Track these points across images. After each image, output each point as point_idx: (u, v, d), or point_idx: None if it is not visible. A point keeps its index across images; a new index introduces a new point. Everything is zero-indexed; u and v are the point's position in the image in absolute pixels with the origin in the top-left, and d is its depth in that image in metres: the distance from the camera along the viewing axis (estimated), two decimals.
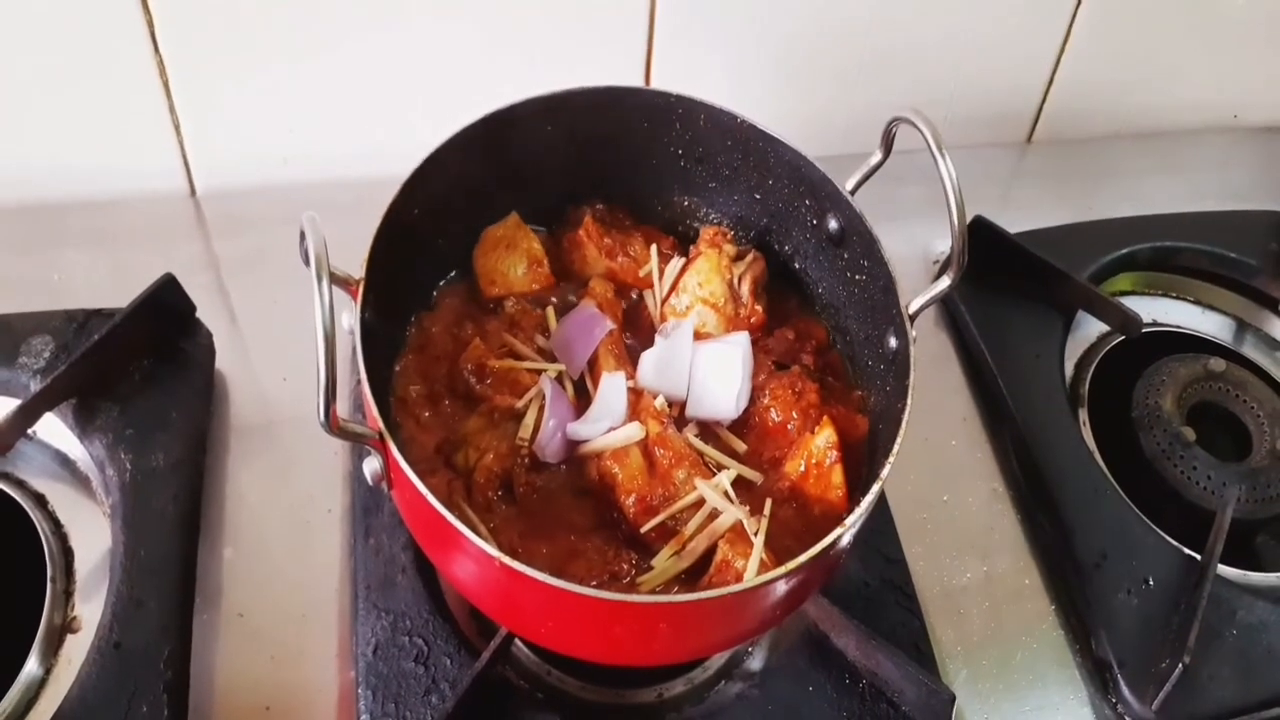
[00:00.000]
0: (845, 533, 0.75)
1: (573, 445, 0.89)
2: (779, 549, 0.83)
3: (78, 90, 1.15)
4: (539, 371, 0.93)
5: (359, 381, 0.79)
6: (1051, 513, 1.05)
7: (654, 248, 1.03)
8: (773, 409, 0.93)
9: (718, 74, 1.30)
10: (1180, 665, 0.92)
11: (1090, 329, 1.26)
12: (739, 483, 0.89)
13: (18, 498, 0.98)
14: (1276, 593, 1.05)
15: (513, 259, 1.00)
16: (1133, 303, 1.25)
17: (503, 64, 1.22)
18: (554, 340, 0.96)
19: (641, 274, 1.02)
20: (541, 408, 0.89)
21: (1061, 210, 1.36)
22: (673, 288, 1.00)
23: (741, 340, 0.95)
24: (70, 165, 1.21)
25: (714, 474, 0.88)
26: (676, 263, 1.01)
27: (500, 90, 0.94)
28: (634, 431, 0.87)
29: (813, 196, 0.97)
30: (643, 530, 0.84)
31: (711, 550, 0.83)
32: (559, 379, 0.93)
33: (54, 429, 1.01)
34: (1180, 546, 1.04)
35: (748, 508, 0.86)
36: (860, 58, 1.33)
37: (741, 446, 0.93)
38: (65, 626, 0.92)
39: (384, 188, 0.87)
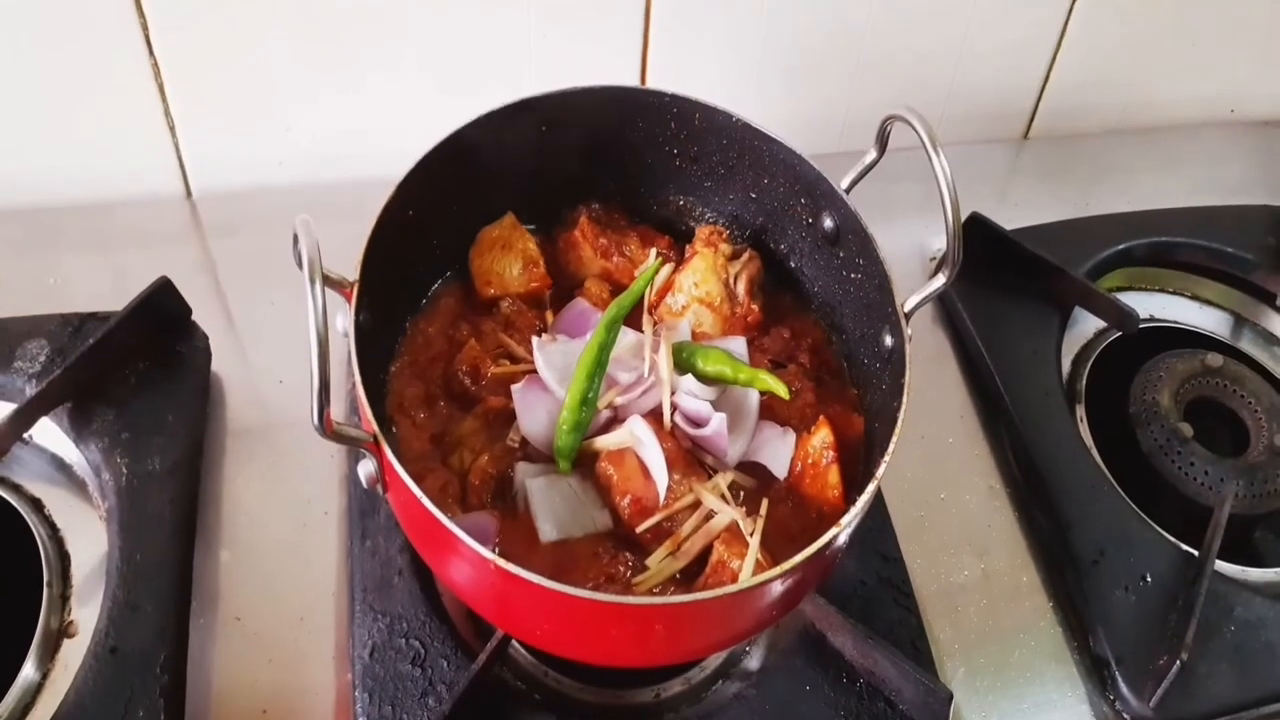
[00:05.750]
0: (841, 532, 0.75)
1: None
2: (775, 549, 0.83)
3: (73, 94, 1.14)
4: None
5: (354, 384, 0.79)
6: (1049, 509, 1.05)
7: (652, 250, 1.03)
8: (769, 408, 0.93)
9: (713, 73, 1.29)
10: (1178, 662, 0.92)
11: (1087, 325, 1.26)
12: (734, 483, 0.89)
13: (14, 502, 0.98)
14: (1274, 588, 1.06)
15: (508, 259, 1.00)
16: (1129, 298, 1.25)
17: (498, 65, 1.22)
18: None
19: (637, 274, 1.02)
20: None
21: (1058, 206, 1.36)
22: (665, 289, 1.00)
23: (738, 345, 0.95)
24: (66, 168, 1.21)
25: (709, 475, 0.88)
26: (667, 269, 1.01)
27: (495, 91, 0.94)
28: (628, 435, 0.87)
29: (808, 195, 0.97)
30: (638, 531, 0.84)
31: (707, 550, 0.83)
32: None
33: (50, 433, 1.01)
34: (1178, 543, 1.04)
35: (744, 508, 0.86)
36: (856, 56, 1.32)
37: None
38: (62, 631, 0.92)
39: (380, 189, 0.87)
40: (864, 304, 0.94)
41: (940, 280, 0.85)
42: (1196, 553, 1.03)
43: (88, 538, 0.97)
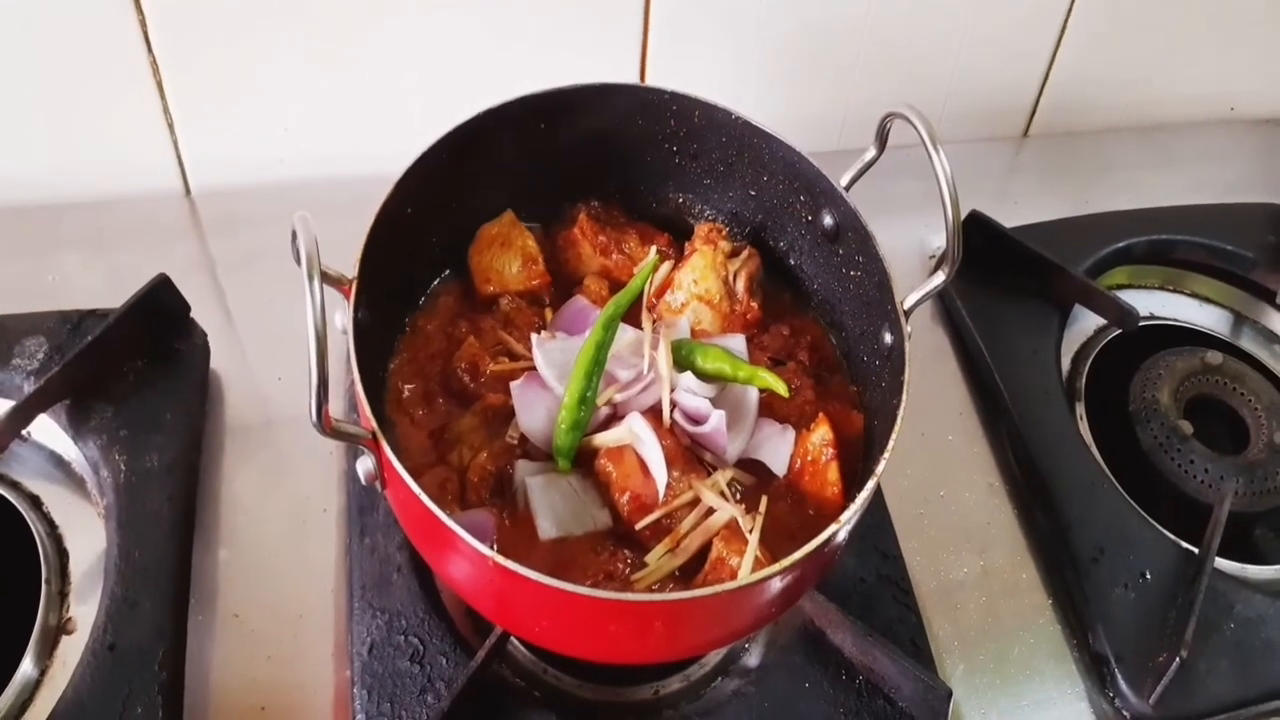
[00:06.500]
0: (840, 529, 0.75)
1: None
2: (774, 546, 0.83)
3: (71, 91, 1.14)
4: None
5: (353, 381, 0.79)
6: (1048, 507, 1.05)
7: (651, 248, 1.03)
8: (769, 405, 0.93)
9: (713, 70, 1.29)
10: (1178, 659, 0.92)
11: (1087, 323, 1.26)
12: (733, 480, 0.89)
13: (12, 499, 0.98)
14: (1274, 586, 1.05)
15: (508, 257, 1.00)
16: (1129, 296, 1.25)
17: (497, 62, 1.22)
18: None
19: (636, 271, 1.02)
20: None
21: (1058, 204, 1.36)
22: (665, 286, 1.00)
23: (738, 343, 0.95)
24: (64, 166, 1.21)
25: (709, 472, 0.88)
26: (666, 266, 1.01)
27: (495, 88, 0.94)
28: (627, 432, 0.87)
29: (808, 192, 0.97)
30: (638, 528, 0.84)
31: (706, 548, 0.83)
32: None
33: (48, 430, 1.01)
34: (1178, 540, 1.04)
35: (743, 505, 0.85)
36: (855, 53, 1.32)
37: None
38: (60, 628, 0.92)
39: (380, 186, 0.87)
40: (863, 301, 0.94)
41: (940, 278, 0.85)
42: (1196, 550, 1.03)
43: (86, 535, 0.97)
